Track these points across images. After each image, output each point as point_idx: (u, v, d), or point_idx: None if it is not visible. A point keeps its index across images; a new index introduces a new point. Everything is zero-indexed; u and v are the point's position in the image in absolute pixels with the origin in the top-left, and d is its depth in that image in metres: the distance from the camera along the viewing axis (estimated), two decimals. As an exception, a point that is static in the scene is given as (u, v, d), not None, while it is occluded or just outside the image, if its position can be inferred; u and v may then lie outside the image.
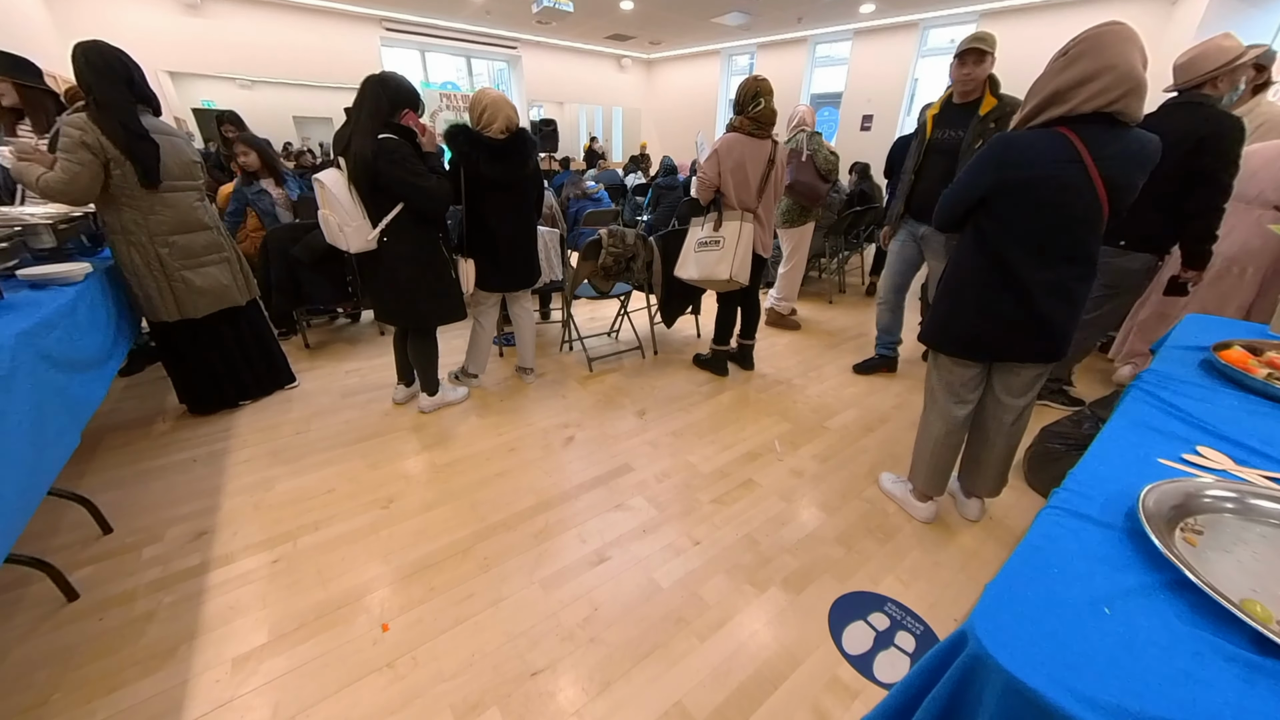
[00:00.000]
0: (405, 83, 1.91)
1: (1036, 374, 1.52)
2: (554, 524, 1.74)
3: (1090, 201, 1.25)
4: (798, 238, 3.39)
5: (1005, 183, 1.31)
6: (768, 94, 2.32)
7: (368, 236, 1.94)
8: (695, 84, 10.11)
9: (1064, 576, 0.62)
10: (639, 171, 7.69)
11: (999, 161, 1.32)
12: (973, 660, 0.55)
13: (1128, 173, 1.23)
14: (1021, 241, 1.33)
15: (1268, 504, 0.73)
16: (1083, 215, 1.27)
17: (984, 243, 1.40)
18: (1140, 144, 1.22)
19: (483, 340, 2.56)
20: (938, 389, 1.64)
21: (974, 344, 1.50)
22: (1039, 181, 1.27)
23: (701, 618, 1.40)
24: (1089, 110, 1.19)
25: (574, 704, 1.18)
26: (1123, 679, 0.50)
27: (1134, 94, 1.16)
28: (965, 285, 1.47)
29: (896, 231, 2.58)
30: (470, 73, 9.54)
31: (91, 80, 1.76)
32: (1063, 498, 0.76)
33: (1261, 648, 0.52)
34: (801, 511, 1.83)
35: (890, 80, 7.28)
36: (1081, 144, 1.21)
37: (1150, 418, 0.99)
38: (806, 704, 1.19)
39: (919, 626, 1.39)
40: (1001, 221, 1.35)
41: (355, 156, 1.83)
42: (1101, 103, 1.18)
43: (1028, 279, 1.34)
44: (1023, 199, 1.30)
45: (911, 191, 2.41)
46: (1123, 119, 1.19)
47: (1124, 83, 1.15)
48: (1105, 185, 1.23)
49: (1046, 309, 1.36)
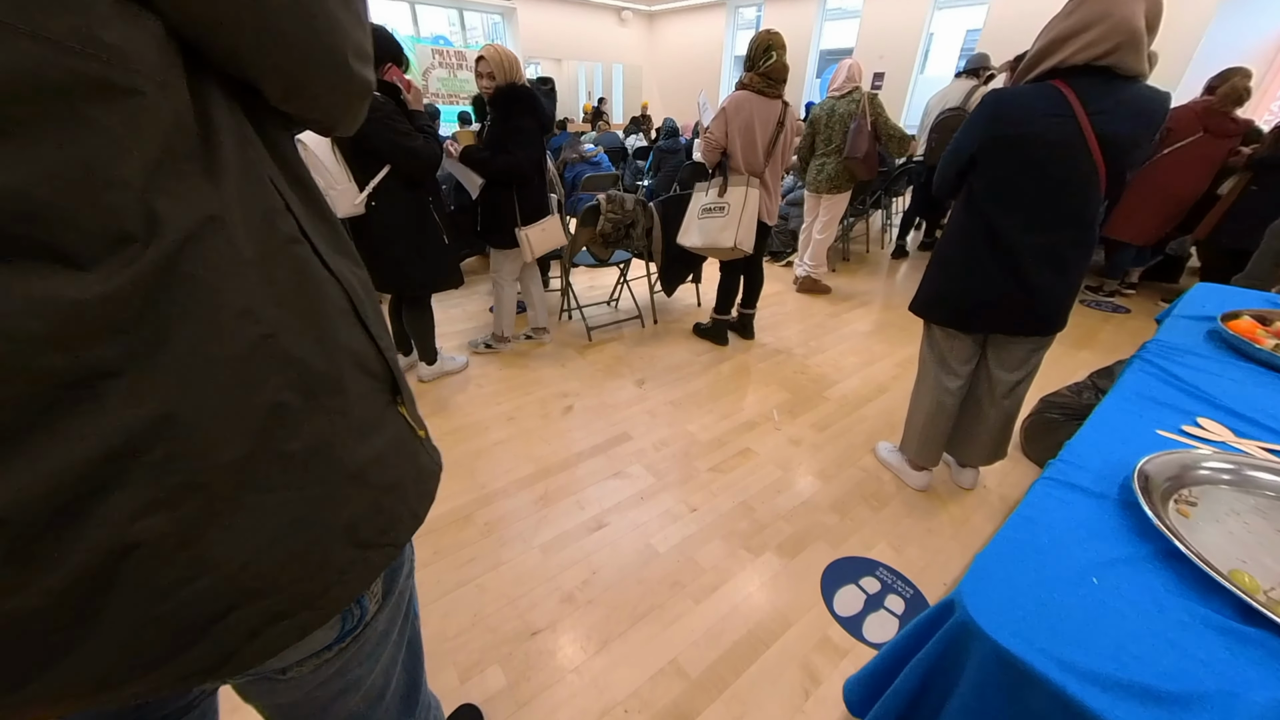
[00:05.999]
0: (387, 35, 1.80)
1: (1031, 348, 1.47)
2: (553, 491, 1.77)
3: (1083, 160, 1.18)
4: (837, 205, 3.27)
5: (995, 140, 1.25)
6: (780, 48, 2.21)
7: (354, 200, 1.88)
8: (699, 40, 9.65)
9: (1053, 547, 0.63)
10: (640, 134, 7.43)
11: (989, 118, 1.25)
12: (959, 628, 0.56)
13: (1128, 130, 1.15)
14: (1011, 203, 1.27)
15: (1264, 475, 0.73)
16: (1075, 175, 1.20)
17: (974, 206, 1.34)
18: (1144, 98, 1.14)
19: (507, 303, 2.62)
20: (929, 360, 1.62)
21: (962, 314, 1.45)
22: (1029, 138, 1.20)
23: (697, 581, 1.44)
24: (1080, 61, 1.12)
25: (573, 662, 1.23)
26: (1107, 647, 0.51)
27: (1128, 46, 1.08)
28: (954, 252, 1.41)
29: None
30: (463, 26, 9.10)
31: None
32: (1057, 469, 0.76)
33: (1248, 617, 0.53)
34: (798, 479, 1.85)
35: (904, 35, 6.93)
36: (1075, 97, 1.14)
37: (1151, 389, 0.98)
38: (796, 662, 1.24)
39: (909, 590, 1.43)
40: (991, 182, 1.30)
41: None
42: (1093, 54, 1.10)
43: (1016, 244, 1.28)
44: (1012, 157, 1.24)
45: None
46: (1121, 72, 1.11)
47: (1116, 33, 1.07)
48: (1100, 142, 1.15)
49: (1036, 276, 1.30)
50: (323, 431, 0.40)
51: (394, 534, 0.47)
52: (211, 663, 0.37)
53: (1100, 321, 3.26)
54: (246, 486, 0.36)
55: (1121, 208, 3.30)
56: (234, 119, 0.36)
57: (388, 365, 0.48)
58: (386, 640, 0.55)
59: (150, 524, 0.32)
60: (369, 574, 0.45)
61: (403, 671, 0.62)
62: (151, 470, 0.32)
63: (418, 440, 0.52)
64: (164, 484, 0.33)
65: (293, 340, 0.37)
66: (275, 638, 0.39)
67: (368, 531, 0.44)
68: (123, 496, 0.31)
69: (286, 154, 0.42)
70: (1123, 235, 3.35)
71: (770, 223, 2.51)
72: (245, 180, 0.36)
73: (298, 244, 0.39)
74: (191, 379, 0.33)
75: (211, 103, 0.34)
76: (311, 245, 0.41)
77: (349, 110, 0.45)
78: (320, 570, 0.41)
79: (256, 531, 0.37)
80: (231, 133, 0.35)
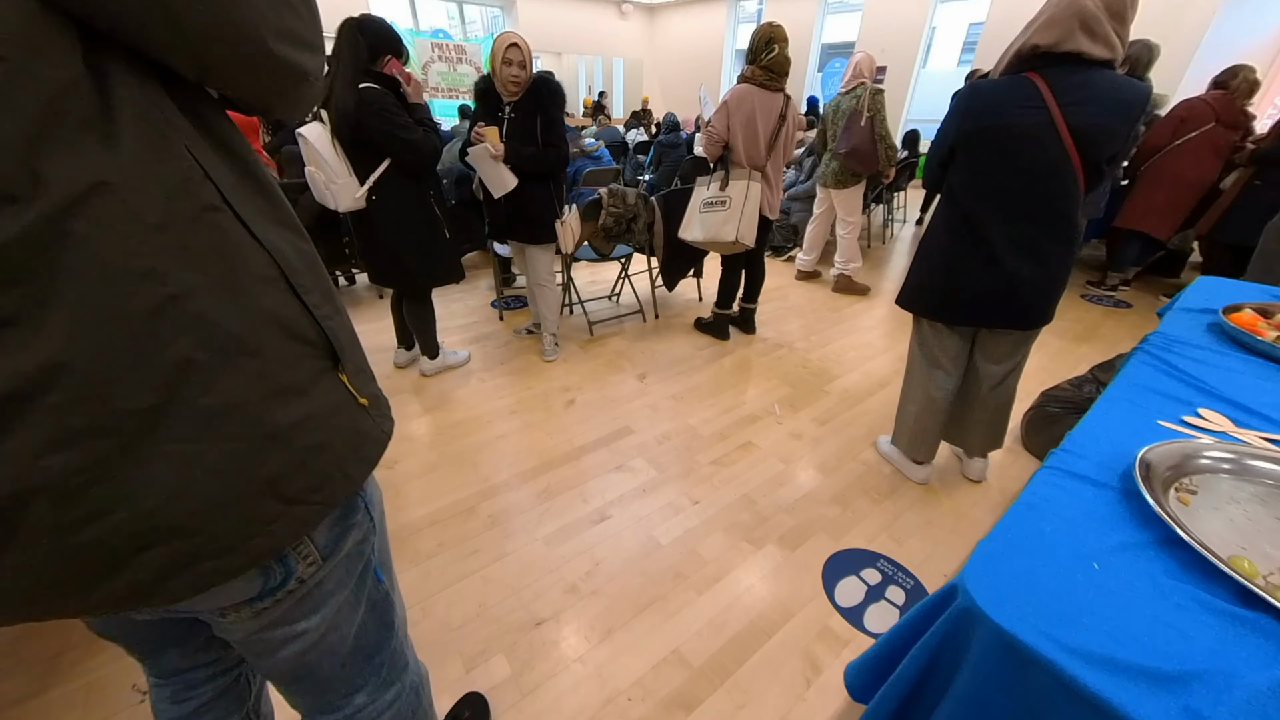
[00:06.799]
0: (386, 27, 1.79)
1: (1016, 340, 1.47)
2: (556, 484, 1.78)
3: (1054, 149, 1.18)
4: (852, 200, 3.27)
5: (969, 132, 1.26)
6: (782, 41, 2.20)
7: (355, 194, 1.88)
8: (700, 33, 9.60)
9: (1055, 534, 0.63)
10: (640, 128, 7.40)
11: (964, 110, 1.26)
12: (962, 612, 0.57)
13: (1101, 120, 1.14)
14: (987, 195, 1.28)
15: (1263, 464, 0.73)
16: (1048, 167, 1.20)
17: (953, 198, 1.35)
18: (1118, 88, 1.13)
19: (555, 300, 2.53)
20: (917, 355, 1.62)
21: (945, 307, 1.45)
22: (1001, 129, 1.21)
23: (699, 573, 1.45)
24: (1040, 45, 1.12)
25: (576, 651, 1.24)
26: (1106, 629, 0.51)
27: (1080, 28, 1.08)
28: (936, 245, 1.42)
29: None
30: (463, 20, 9.06)
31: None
32: (1060, 458, 0.77)
33: (1246, 601, 0.54)
34: (799, 473, 1.86)
35: (907, 28, 6.89)
36: (1046, 87, 1.14)
37: (1153, 380, 0.99)
38: (798, 652, 1.25)
39: (909, 581, 1.44)
40: (967, 173, 1.31)
41: (336, 109, 1.74)
42: (1047, 38, 1.11)
43: (993, 234, 1.29)
44: (986, 149, 1.25)
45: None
46: (1086, 59, 1.11)
47: (1065, 16, 1.08)
48: (1072, 132, 1.15)
49: (1014, 267, 1.29)
50: (238, 390, 0.42)
51: (325, 493, 0.49)
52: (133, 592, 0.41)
53: (1101, 316, 3.26)
54: (160, 434, 0.39)
55: (1139, 199, 3.30)
56: (143, 92, 0.37)
57: (324, 334, 0.49)
58: (332, 599, 0.58)
59: (55, 461, 0.35)
60: (297, 528, 0.47)
61: (362, 632, 0.64)
62: (52, 413, 0.35)
63: (358, 407, 0.53)
64: (67, 426, 0.35)
65: (206, 302, 0.39)
66: (199, 577, 0.43)
67: (293, 488, 0.46)
68: (25, 435, 0.34)
69: (215, 126, 0.43)
70: (1143, 226, 3.33)
71: (772, 217, 2.51)
72: (152, 150, 0.37)
73: (217, 212, 0.41)
74: (86, 331, 0.35)
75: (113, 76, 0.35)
76: (235, 213, 0.42)
77: (281, 94, 0.46)
78: (242, 519, 0.43)
79: (173, 477, 0.39)
80: (136, 105, 0.36)
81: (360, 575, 0.61)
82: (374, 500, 0.63)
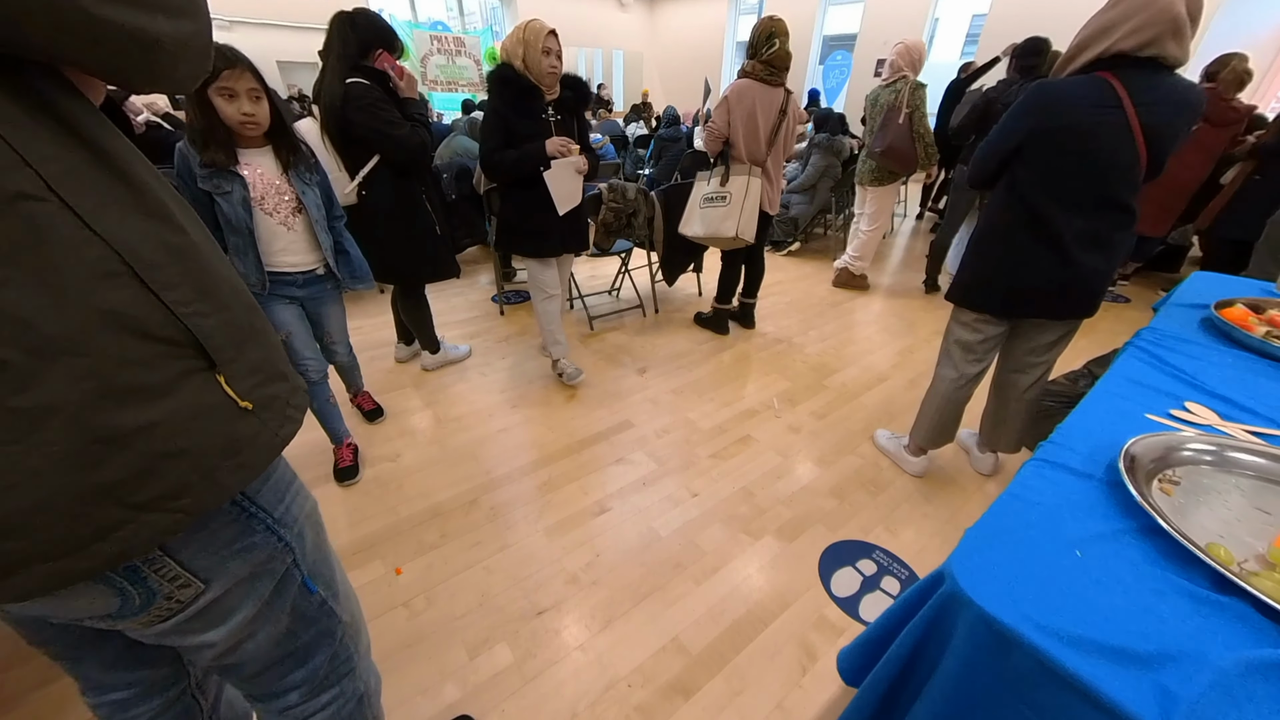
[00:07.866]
0: (377, 20, 1.76)
1: (1062, 333, 1.52)
2: (557, 477, 1.80)
3: (1129, 150, 1.22)
4: (884, 197, 3.19)
5: (1042, 130, 1.28)
6: (783, 35, 2.20)
7: (345, 189, 1.86)
8: (701, 26, 9.53)
9: (1040, 523, 0.65)
10: (640, 121, 7.37)
11: (1036, 108, 1.28)
12: (948, 597, 0.59)
13: (1170, 121, 1.20)
14: (1057, 192, 1.30)
15: (1245, 456, 0.75)
16: (1120, 163, 1.24)
17: (1018, 195, 1.36)
18: (1183, 91, 1.18)
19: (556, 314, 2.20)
20: (954, 346, 1.64)
21: (1006, 302, 1.47)
22: (1077, 129, 1.23)
23: (698, 563, 1.48)
24: (1125, 49, 1.14)
25: (577, 639, 1.27)
26: (1085, 612, 0.54)
27: (1170, 35, 1.11)
28: (997, 241, 1.44)
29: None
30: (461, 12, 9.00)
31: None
32: (1048, 450, 0.79)
33: (1222, 587, 0.56)
34: (797, 466, 1.89)
35: (909, 20, 6.85)
36: (1123, 89, 1.17)
37: (1143, 374, 1.01)
38: (794, 640, 1.28)
39: (904, 571, 1.47)
40: (1036, 171, 1.32)
41: (325, 104, 1.73)
42: (1135, 42, 1.13)
43: (1064, 230, 1.31)
44: (1060, 147, 1.27)
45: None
46: (1165, 63, 1.15)
47: (1158, 22, 1.10)
48: (1145, 132, 1.19)
49: (1083, 260, 1.33)
50: (59, 391, 0.39)
51: (188, 500, 0.46)
52: None
53: (1100, 311, 3.26)
54: None
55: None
56: None
57: (190, 332, 0.46)
58: (236, 615, 0.57)
59: None
60: (149, 534, 0.45)
61: (289, 640, 0.64)
62: None
63: (238, 411, 0.50)
64: None
65: (15, 299, 0.37)
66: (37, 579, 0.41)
67: (142, 494, 0.44)
68: None
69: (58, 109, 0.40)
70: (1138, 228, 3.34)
71: (772, 212, 2.51)
72: None
73: (32, 201, 0.38)
74: None
75: None
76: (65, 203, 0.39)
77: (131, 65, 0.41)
78: (75, 522, 0.41)
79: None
80: None
81: (277, 591, 0.60)
82: (292, 517, 0.60)
